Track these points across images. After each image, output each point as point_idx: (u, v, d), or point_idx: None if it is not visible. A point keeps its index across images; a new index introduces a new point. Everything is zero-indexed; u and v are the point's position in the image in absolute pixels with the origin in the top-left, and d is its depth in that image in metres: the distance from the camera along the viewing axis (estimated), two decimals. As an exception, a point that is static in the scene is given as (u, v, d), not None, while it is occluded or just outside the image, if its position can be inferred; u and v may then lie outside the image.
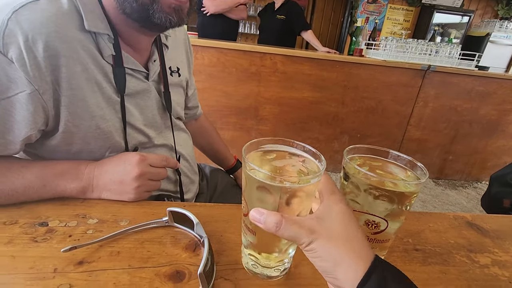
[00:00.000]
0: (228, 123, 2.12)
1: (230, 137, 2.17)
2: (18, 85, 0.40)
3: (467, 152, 2.38)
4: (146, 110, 0.57)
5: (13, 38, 0.38)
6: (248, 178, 0.29)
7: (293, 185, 0.28)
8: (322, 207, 0.29)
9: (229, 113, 2.09)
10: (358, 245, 0.27)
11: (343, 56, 2.12)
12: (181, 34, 0.69)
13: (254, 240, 0.33)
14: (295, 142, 0.34)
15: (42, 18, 0.40)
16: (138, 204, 0.47)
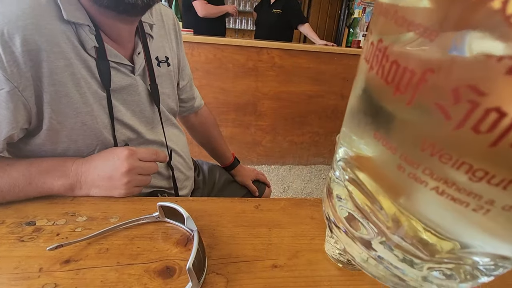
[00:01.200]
0: (227, 120, 2.11)
1: (229, 134, 2.15)
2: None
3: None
4: (133, 105, 0.56)
5: None
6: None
7: None
8: None
9: (227, 110, 2.08)
10: None
11: (341, 48, 2.09)
12: (169, 20, 0.66)
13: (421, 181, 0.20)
14: None
15: (18, 11, 0.39)
16: (128, 200, 0.46)
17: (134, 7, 0.44)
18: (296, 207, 0.47)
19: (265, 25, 2.74)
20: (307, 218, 0.44)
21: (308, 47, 2.04)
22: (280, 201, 0.48)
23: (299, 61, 1.99)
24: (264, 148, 2.25)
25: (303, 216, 0.45)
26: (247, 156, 2.26)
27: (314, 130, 2.21)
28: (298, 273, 0.34)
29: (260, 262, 0.35)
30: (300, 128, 2.19)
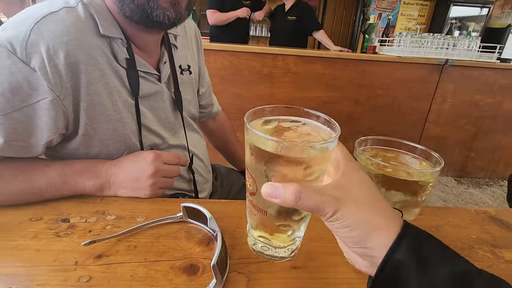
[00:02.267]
0: (242, 125, 2.09)
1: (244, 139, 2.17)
2: (40, 92, 0.42)
3: (490, 148, 2.27)
4: (159, 112, 0.59)
5: (36, 48, 0.40)
6: (255, 151, 0.26)
7: (310, 153, 0.25)
8: (341, 175, 0.26)
9: (242, 115, 2.07)
10: (386, 210, 0.25)
11: (356, 54, 2.09)
12: (191, 30, 0.70)
13: (265, 220, 0.30)
14: (305, 109, 0.31)
15: (62, 28, 0.42)
16: (153, 201, 0.48)
17: (161, 24, 0.48)
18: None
19: (280, 32, 2.77)
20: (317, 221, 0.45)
21: (323, 53, 2.05)
22: (297, 205, 0.49)
23: (314, 67, 2.00)
24: (278, 153, 2.25)
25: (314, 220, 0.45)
26: (261, 161, 2.27)
27: (328, 136, 2.19)
28: (316, 274, 0.35)
29: (279, 263, 0.36)
30: (314, 134, 2.18)
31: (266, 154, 0.25)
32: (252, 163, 0.27)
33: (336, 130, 0.28)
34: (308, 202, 0.24)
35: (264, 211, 0.29)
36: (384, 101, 2.10)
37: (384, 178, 0.30)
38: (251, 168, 0.28)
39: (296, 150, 0.25)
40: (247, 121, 0.28)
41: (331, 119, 0.29)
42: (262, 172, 0.26)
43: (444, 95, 2.09)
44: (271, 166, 0.26)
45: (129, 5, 0.46)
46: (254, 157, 0.27)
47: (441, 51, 2.04)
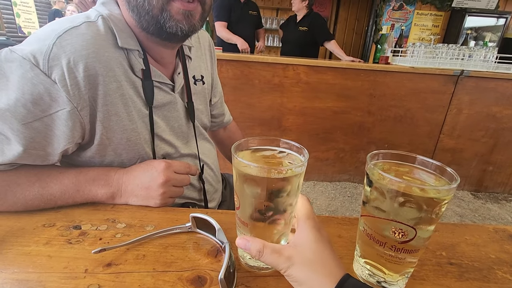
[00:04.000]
0: (252, 135, 2.13)
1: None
2: (59, 103, 0.44)
3: (510, 162, 2.19)
4: (172, 121, 0.60)
5: (57, 61, 0.42)
6: (237, 173, 0.33)
7: (278, 175, 0.30)
8: (298, 234, 0.32)
9: (253, 124, 2.12)
10: (331, 267, 0.30)
11: (368, 64, 2.08)
12: (205, 42, 0.72)
13: (247, 233, 0.35)
14: (281, 140, 0.38)
15: (83, 42, 0.44)
16: (163, 210, 0.49)
17: (175, 36, 0.49)
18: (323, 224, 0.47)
19: (292, 42, 2.80)
20: (334, 236, 0.44)
21: (334, 63, 2.05)
22: (307, 218, 0.48)
23: (325, 77, 2.00)
24: (288, 163, 2.24)
25: (331, 235, 0.44)
26: (271, 171, 2.26)
27: (339, 147, 2.17)
28: None
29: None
30: (324, 144, 2.17)
31: (244, 176, 0.32)
32: (236, 183, 0.34)
33: (305, 156, 0.35)
34: (267, 259, 0.31)
35: (246, 223, 0.35)
36: (396, 112, 2.07)
37: (397, 194, 0.29)
38: (236, 186, 0.35)
39: (268, 173, 0.30)
40: (234, 151, 0.34)
41: (301, 146, 0.37)
42: (243, 191, 0.33)
43: (459, 107, 2.04)
44: (249, 187, 0.32)
45: (145, 17, 0.47)
46: (238, 178, 0.33)
47: (456, 61, 2.01)
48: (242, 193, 0.33)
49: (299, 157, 0.36)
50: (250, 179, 0.31)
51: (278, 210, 0.33)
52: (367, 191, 0.33)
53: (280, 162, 0.37)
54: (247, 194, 0.33)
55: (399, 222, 0.30)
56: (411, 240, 0.30)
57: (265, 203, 0.32)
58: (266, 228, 0.34)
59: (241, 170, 0.32)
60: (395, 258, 0.32)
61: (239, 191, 0.34)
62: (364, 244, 0.35)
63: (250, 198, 0.33)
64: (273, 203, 0.32)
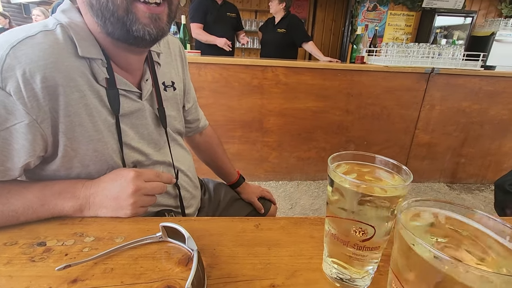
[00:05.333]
0: (234, 137, 2.14)
1: (236, 151, 2.18)
2: (16, 116, 0.42)
3: (480, 154, 2.31)
4: (142, 129, 0.59)
5: (11, 73, 0.40)
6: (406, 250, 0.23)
7: None
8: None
9: (234, 127, 2.11)
10: None
11: (344, 64, 2.13)
12: (175, 47, 0.71)
13: None
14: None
15: (39, 52, 0.43)
16: (133, 221, 0.48)
17: (143, 40, 0.48)
18: (296, 226, 0.48)
19: (271, 44, 2.82)
20: (306, 237, 0.45)
21: (312, 64, 2.09)
22: (280, 220, 0.49)
23: (304, 78, 2.03)
24: (271, 164, 2.26)
25: (303, 235, 0.45)
26: (255, 173, 2.27)
27: (320, 146, 2.21)
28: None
29: (258, 281, 0.36)
30: (306, 144, 2.20)
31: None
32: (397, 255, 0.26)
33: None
34: None
35: None
36: (373, 110, 2.14)
37: (355, 194, 0.30)
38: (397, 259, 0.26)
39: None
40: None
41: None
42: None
43: (432, 103, 2.13)
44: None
45: (109, 19, 0.46)
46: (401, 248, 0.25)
47: (427, 60, 2.09)
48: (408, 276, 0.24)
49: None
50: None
51: None
52: (329, 192, 0.34)
53: None
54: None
55: (359, 222, 0.31)
56: (371, 237, 0.31)
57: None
58: None
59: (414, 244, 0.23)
60: (358, 256, 0.33)
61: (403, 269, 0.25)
62: (330, 244, 0.36)
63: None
64: None
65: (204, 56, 2.13)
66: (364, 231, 0.31)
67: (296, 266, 0.39)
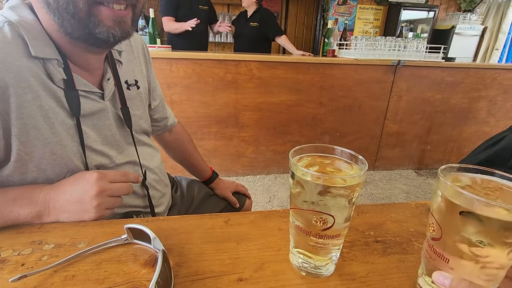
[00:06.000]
0: (209, 133, 2.12)
1: (212, 147, 2.16)
2: None
3: (443, 141, 2.46)
4: (105, 130, 0.57)
5: None
6: (446, 200, 0.30)
7: None
8: None
9: (209, 123, 2.09)
10: None
11: (316, 58, 2.17)
12: (138, 45, 0.68)
13: (443, 269, 0.31)
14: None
15: None
16: (98, 224, 0.46)
17: (106, 42, 0.46)
18: (265, 219, 0.48)
19: (244, 38, 2.80)
20: (275, 229, 0.46)
21: (285, 58, 2.10)
22: (249, 215, 0.49)
23: (277, 72, 2.04)
24: (248, 159, 2.26)
25: (271, 228, 0.46)
26: (232, 168, 2.27)
27: (295, 139, 2.25)
28: (262, 284, 0.35)
29: (226, 276, 0.36)
30: (281, 137, 2.23)
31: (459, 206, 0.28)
32: (441, 212, 0.31)
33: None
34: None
35: (446, 258, 0.31)
36: (345, 102, 2.20)
37: (314, 185, 0.31)
38: (439, 215, 0.31)
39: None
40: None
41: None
42: (452, 221, 0.29)
43: (399, 94, 2.23)
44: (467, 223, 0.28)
45: (69, 21, 0.43)
46: (447, 209, 0.30)
47: (393, 52, 2.18)
48: (450, 224, 0.30)
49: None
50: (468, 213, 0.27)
51: (499, 250, 0.27)
52: (291, 185, 0.35)
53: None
54: (458, 227, 0.28)
55: (319, 212, 0.32)
56: (331, 226, 0.32)
57: (485, 240, 0.27)
58: (473, 270, 0.29)
59: (456, 202, 0.28)
60: (320, 244, 0.34)
61: (445, 222, 0.30)
62: (295, 235, 0.37)
63: (461, 232, 0.28)
64: (494, 241, 0.27)
65: (176, 51, 2.08)
66: (324, 220, 0.32)
67: (264, 258, 0.40)
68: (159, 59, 1.85)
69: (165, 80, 1.91)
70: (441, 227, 0.31)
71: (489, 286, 0.30)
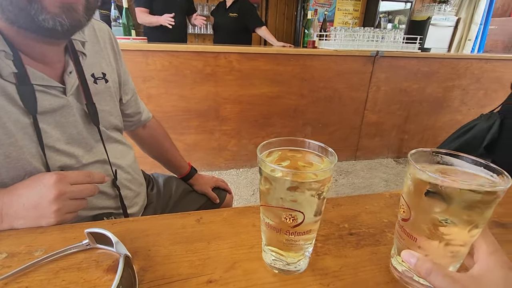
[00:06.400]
0: (190, 127, 2.07)
1: (193, 141, 2.12)
2: None
3: (420, 129, 2.54)
4: (70, 128, 0.53)
5: None
6: (414, 182, 0.31)
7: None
8: (481, 267, 0.27)
9: (189, 117, 2.04)
10: None
11: (296, 49, 2.15)
12: (104, 35, 0.64)
13: (412, 248, 0.33)
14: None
15: None
16: (58, 229, 0.43)
17: (54, 31, 0.42)
18: (239, 215, 0.47)
19: (223, 29, 2.74)
20: (248, 226, 0.44)
21: (264, 49, 2.07)
22: (223, 212, 0.48)
23: (257, 64, 2.01)
24: (231, 152, 2.24)
25: (245, 225, 0.45)
26: (214, 162, 2.24)
27: (277, 131, 2.24)
28: (232, 285, 0.34)
29: (195, 279, 0.35)
30: (263, 129, 2.21)
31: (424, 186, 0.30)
32: (409, 192, 0.32)
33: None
34: (437, 282, 0.26)
35: (415, 238, 0.32)
36: (326, 93, 2.21)
37: (282, 181, 0.30)
38: (407, 196, 0.33)
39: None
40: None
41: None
42: (419, 204, 0.31)
43: (378, 84, 2.26)
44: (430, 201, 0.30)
45: (8, 7, 0.39)
46: (414, 187, 0.31)
47: (372, 43, 2.20)
48: (418, 205, 0.31)
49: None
50: (432, 192, 0.29)
51: (461, 228, 0.30)
52: (260, 181, 0.33)
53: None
54: (425, 207, 0.30)
55: (288, 209, 0.31)
56: (301, 223, 0.31)
57: (450, 219, 0.29)
58: (439, 248, 0.31)
59: (422, 180, 0.30)
60: (291, 241, 0.33)
61: (413, 203, 0.32)
62: (266, 233, 0.35)
63: (427, 212, 0.30)
64: (456, 219, 0.29)
65: (152, 43, 2.00)
66: (294, 217, 0.31)
67: (236, 257, 0.38)
68: (134, 51, 1.77)
69: (141, 73, 1.84)
70: (410, 208, 0.32)
71: (453, 262, 0.32)
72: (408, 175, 0.33)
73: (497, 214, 0.49)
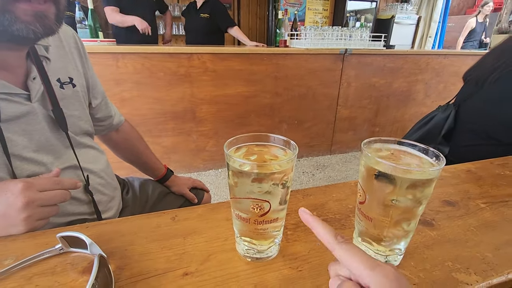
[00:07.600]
0: (166, 130, 2.05)
1: (170, 143, 2.09)
2: None
3: (389, 122, 2.68)
4: (37, 135, 0.52)
5: None
6: (367, 168, 0.35)
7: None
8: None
9: (165, 119, 2.01)
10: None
11: (269, 49, 2.19)
12: (69, 38, 0.63)
13: (369, 228, 0.37)
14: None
15: None
16: (29, 237, 0.42)
17: (27, 39, 0.43)
18: (213, 212, 0.49)
19: (195, 30, 2.72)
20: (222, 220, 0.46)
21: (238, 49, 2.09)
22: (197, 209, 0.49)
23: (231, 64, 2.02)
24: (209, 153, 2.24)
25: (219, 219, 0.47)
26: (193, 164, 2.22)
27: (254, 129, 2.27)
28: (208, 275, 0.36)
29: (171, 273, 0.36)
30: (240, 128, 2.23)
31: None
32: (363, 176, 0.36)
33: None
34: (340, 252, 0.25)
35: (370, 218, 0.36)
36: (300, 91, 2.27)
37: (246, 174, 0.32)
38: (362, 180, 0.37)
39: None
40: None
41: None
42: (371, 186, 0.35)
43: (348, 81, 2.36)
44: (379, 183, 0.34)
45: None
46: (366, 172, 0.35)
47: (341, 41, 2.29)
48: (371, 188, 0.35)
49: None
50: (382, 176, 0.33)
51: (408, 206, 0.34)
52: (228, 176, 0.35)
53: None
54: (376, 189, 0.34)
55: (254, 199, 0.33)
56: (268, 211, 0.34)
57: (397, 198, 0.33)
58: (391, 225, 0.35)
59: (372, 166, 0.34)
60: (260, 230, 0.36)
61: (367, 186, 0.36)
62: (237, 224, 0.37)
63: (378, 193, 0.34)
64: (403, 199, 0.33)
65: (121, 45, 1.95)
66: (261, 206, 0.33)
67: (211, 250, 0.40)
68: (103, 54, 1.72)
69: (113, 76, 1.78)
70: (365, 191, 0.36)
71: (404, 237, 0.37)
72: (361, 162, 0.37)
73: (447, 193, 0.55)
